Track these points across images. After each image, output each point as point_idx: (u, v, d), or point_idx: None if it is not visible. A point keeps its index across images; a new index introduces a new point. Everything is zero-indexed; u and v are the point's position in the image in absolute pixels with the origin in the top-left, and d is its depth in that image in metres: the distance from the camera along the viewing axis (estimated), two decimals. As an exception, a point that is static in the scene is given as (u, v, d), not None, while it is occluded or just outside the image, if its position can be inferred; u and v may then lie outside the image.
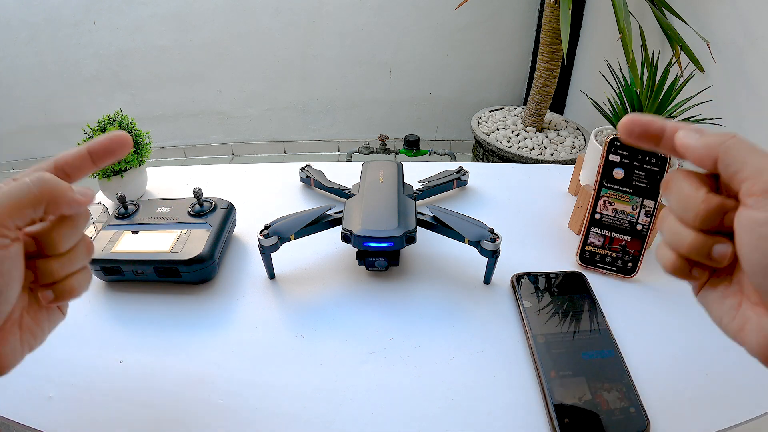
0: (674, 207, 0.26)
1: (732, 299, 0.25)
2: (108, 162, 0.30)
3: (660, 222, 0.28)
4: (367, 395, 0.38)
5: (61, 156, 0.29)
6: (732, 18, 1.08)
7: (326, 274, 0.50)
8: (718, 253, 0.24)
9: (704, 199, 0.24)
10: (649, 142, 0.27)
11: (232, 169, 0.70)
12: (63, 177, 0.28)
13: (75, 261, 0.29)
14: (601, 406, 0.36)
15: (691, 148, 0.25)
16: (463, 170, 0.64)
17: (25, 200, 0.25)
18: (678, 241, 0.25)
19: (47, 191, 0.26)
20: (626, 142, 0.27)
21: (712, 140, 0.24)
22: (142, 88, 2.22)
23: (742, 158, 0.23)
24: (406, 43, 2.10)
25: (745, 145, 0.23)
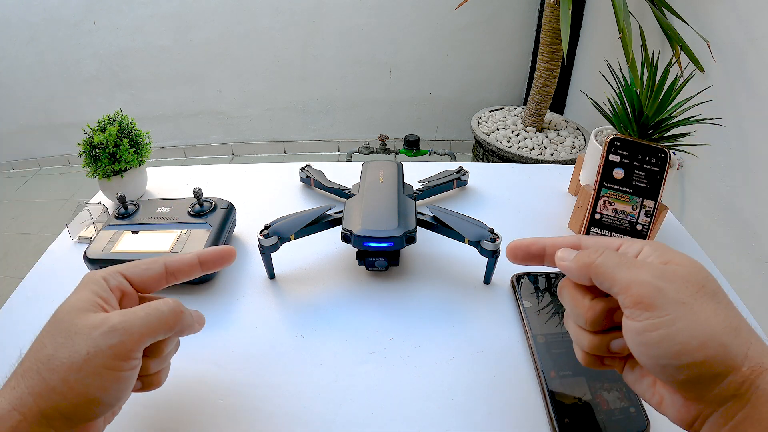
0: (569, 313, 0.29)
1: (647, 378, 0.27)
2: (213, 270, 0.35)
3: (565, 323, 0.31)
4: (367, 395, 0.38)
5: (172, 260, 0.33)
6: (732, 18, 1.08)
7: (326, 274, 0.50)
8: (616, 347, 0.27)
9: (590, 306, 0.27)
10: (534, 262, 0.31)
11: (232, 169, 0.70)
12: (171, 278, 0.33)
13: (167, 360, 0.33)
14: (601, 406, 0.36)
15: (567, 269, 0.28)
16: (463, 170, 0.64)
17: (160, 329, 0.28)
18: (580, 342, 0.28)
19: (179, 323, 0.30)
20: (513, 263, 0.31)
21: (584, 260, 0.27)
22: (142, 88, 2.22)
23: (611, 275, 0.25)
24: (406, 43, 2.10)
25: (612, 261, 0.26)
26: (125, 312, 0.28)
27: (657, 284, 0.24)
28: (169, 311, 0.29)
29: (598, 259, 0.26)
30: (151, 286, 0.32)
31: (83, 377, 0.25)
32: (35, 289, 0.49)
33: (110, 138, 0.58)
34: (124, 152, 0.58)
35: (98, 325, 0.26)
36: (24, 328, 0.43)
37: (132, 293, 0.31)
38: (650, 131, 0.50)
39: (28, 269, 0.51)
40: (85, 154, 0.58)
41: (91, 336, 0.26)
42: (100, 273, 0.30)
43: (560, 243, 0.30)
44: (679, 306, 0.23)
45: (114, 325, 0.26)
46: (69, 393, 0.25)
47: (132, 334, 0.26)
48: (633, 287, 0.24)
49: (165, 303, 0.29)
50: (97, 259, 0.47)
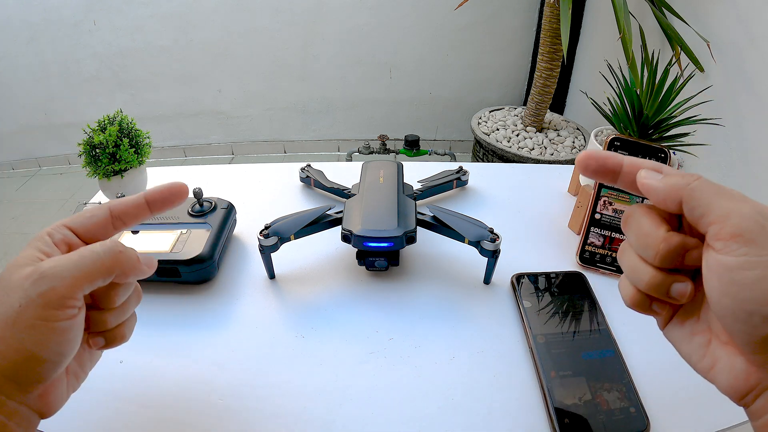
0: (633, 243, 0.26)
1: (701, 337, 0.24)
2: (164, 210, 0.32)
3: (620, 256, 0.27)
4: (367, 395, 0.38)
5: (117, 203, 0.30)
6: (732, 18, 1.08)
7: (326, 274, 0.50)
8: (677, 292, 0.24)
9: (664, 238, 0.24)
10: (605, 177, 0.27)
11: (232, 169, 0.70)
12: (118, 223, 0.30)
13: (126, 311, 0.31)
14: (601, 406, 0.36)
15: (653, 189, 0.25)
16: (463, 170, 0.64)
17: (96, 272, 0.26)
18: (637, 277, 0.25)
19: (119, 263, 0.27)
20: (582, 174, 0.27)
21: (676, 182, 0.24)
22: (142, 88, 2.22)
23: (708, 201, 0.22)
24: (406, 43, 2.10)
25: (710, 188, 0.23)
26: (58, 258, 0.25)
27: (760, 220, 0.21)
28: (104, 251, 0.26)
29: (695, 182, 0.23)
30: (98, 234, 0.29)
31: (17, 332, 0.23)
32: (35, 289, 0.49)
33: (110, 138, 0.58)
34: (124, 152, 0.58)
35: (29, 274, 0.24)
36: (24, 328, 0.43)
37: (79, 245, 0.28)
38: (650, 131, 0.50)
39: (28, 269, 0.51)
40: (85, 154, 0.58)
41: (22, 287, 0.24)
42: (45, 230, 0.28)
43: (641, 164, 0.26)
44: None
45: (44, 272, 0.24)
46: (6, 351, 0.23)
47: (63, 279, 0.24)
48: (734, 217, 0.21)
49: (101, 244, 0.27)
50: (97, 259, 0.47)
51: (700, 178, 0.23)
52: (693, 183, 0.23)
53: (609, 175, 0.27)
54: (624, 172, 0.26)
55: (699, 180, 0.23)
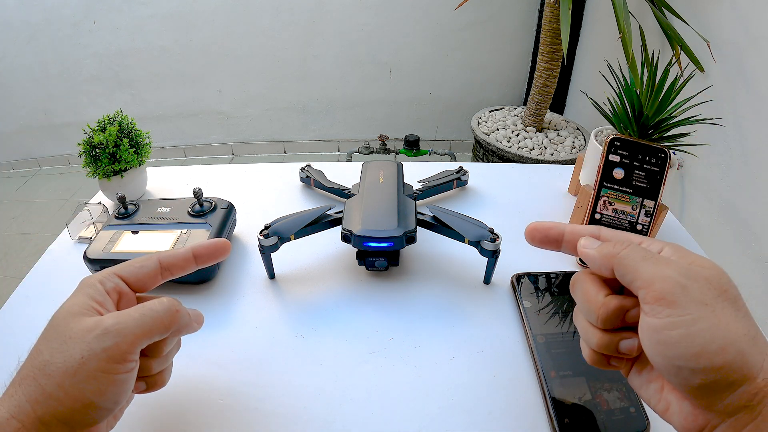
0: (581, 308, 0.28)
1: (655, 383, 0.26)
2: (208, 264, 0.34)
3: (574, 319, 0.30)
4: (367, 395, 0.38)
5: (166, 255, 0.33)
6: (732, 18, 1.08)
7: (326, 274, 0.50)
8: (625, 348, 0.26)
9: (603, 303, 0.26)
10: (550, 246, 0.31)
11: (232, 169, 0.70)
12: (166, 274, 0.33)
13: (169, 359, 0.33)
14: (601, 406, 0.36)
15: (589, 258, 0.28)
16: (463, 170, 0.64)
17: (156, 330, 0.28)
18: (588, 339, 0.27)
19: (175, 323, 0.29)
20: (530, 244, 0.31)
21: (608, 251, 0.26)
22: (142, 88, 2.22)
23: (634, 268, 0.25)
24: (406, 43, 2.10)
25: (637, 255, 0.25)
26: (119, 314, 0.27)
27: (681, 281, 0.23)
28: (164, 311, 0.28)
29: (623, 251, 0.25)
30: (147, 284, 0.32)
31: (78, 382, 0.25)
32: (35, 289, 0.49)
33: (110, 138, 0.58)
34: (124, 152, 0.58)
35: (92, 328, 0.26)
36: (24, 328, 0.43)
37: (129, 293, 0.31)
38: (650, 131, 0.50)
39: (28, 269, 0.51)
40: (85, 154, 0.58)
41: (85, 340, 0.25)
42: (96, 276, 0.30)
43: (580, 231, 0.29)
44: (702, 307, 0.22)
45: (107, 328, 0.26)
46: (65, 398, 0.24)
47: (126, 336, 0.26)
48: (656, 282, 0.23)
49: (160, 302, 0.29)
50: (97, 259, 0.47)
51: (629, 247, 0.26)
52: (622, 252, 0.26)
53: (553, 243, 0.30)
54: (566, 240, 0.30)
55: (627, 248, 0.26)
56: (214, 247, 0.34)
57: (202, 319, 0.33)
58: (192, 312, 0.32)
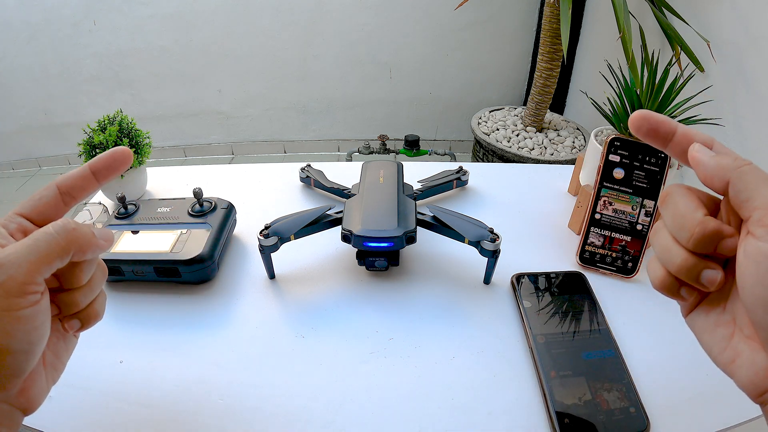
0: (669, 223, 0.25)
1: (724, 329, 0.24)
2: (111, 178, 0.31)
3: (653, 235, 0.27)
4: (367, 395, 0.38)
5: (62, 178, 0.29)
6: (732, 18, 1.08)
7: (326, 274, 0.50)
8: (707, 279, 0.23)
9: (701, 221, 0.23)
10: (656, 141, 0.27)
11: (232, 169, 0.70)
12: (68, 199, 0.29)
13: (95, 287, 0.30)
14: (601, 406, 0.36)
15: (703, 164, 0.24)
16: (463, 170, 0.64)
17: (52, 253, 0.25)
18: (668, 258, 0.25)
19: (73, 241, 0.26)
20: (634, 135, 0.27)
21: (727, 162, 0.23)
22: (142, 88, 2.22)
23: (755, 187, 0.22)
24: (406, 43, 2.10)
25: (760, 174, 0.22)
26: (11, 246, 0.25)
27: None
28: (57, 231, 0.25)
29: (745, 166, 0.23)
30: (50, 214, 0.29)
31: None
32: (35, 289, 0.49)
33: (110, 138, 0.58)
34: (124, 152, 0.58)
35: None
36: (24, 328, 0.43)
37: (35, 230, 0.28)
38: (650, 131, 0.50)
39: (28, 269, 0.51)
40: (85, 154, 0.58)
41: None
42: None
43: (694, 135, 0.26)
44: None
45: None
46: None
47: (20, 266, 0.24)
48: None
49: (53, 224, 0.26)
50: (97, 259, 0.47)
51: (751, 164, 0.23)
52: (743, 167, 0.23)
53: (660, 139, 0.26)
54: (675, 140, 0.26)
55: (750, 165, 0.23)
56: (111, 156, 0.31)
57: (110, 236, 0.29)
58: (98, 231, 0.28)
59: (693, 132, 0.26)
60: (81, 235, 0.26)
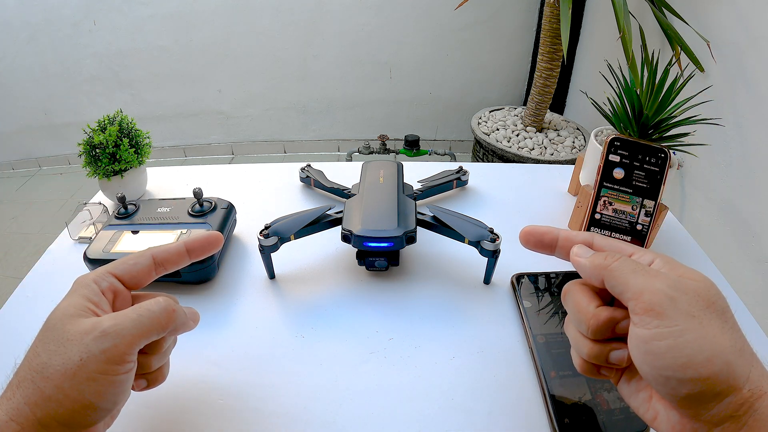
0: (572, 318, 0.29)
1: (644, 393, 0.26)
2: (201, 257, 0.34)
3: (565, 329, 0.31)
4: (367, 395, 0.38)
5: (159, 251, 0.32)
6: (732, 18, 1.08)
7: (326, 274, 0.50)
8: (615, 359, 0.27)
9: (593, 314, 0.27)
10: (544, 249, 0.32)
11: (232, 169, 0.70)
12: (160, 269, 0.32)
13: (167, 356, 0.33)
14: (601, 406, 0.36)
15: (581, 266, 0.28)
16: (463, 170, 0.64)
17: (153, 330, 0.28)
18: (579, 348, 0.28)
19: (172, 322, 0.29)
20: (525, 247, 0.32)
21: (599, 261, 0.27)
22: (142, 88, 2.22)
23: (624, 280, 0.25)
24: (406, 43, 2.10)
25: (627, 267, 0.26)
26: (116, 315, 0.27)
27: (670, 293, 0.23)
28: (160, 311, 0.28)
29: (614, 263, 0.26)
30: (141, 281, 0.32)
31: (77, 384, 0.25)
32: (35, 289, 0.49)
33: (110, 138, 0.58)
34: (124, 152, 0.58)
35: (89, 330, 0.26)
36: (24, 328, 0.43)
37: (124, 291, 0.31)
38: (650, 131, 0.50)
39: (28, 269, 0.51)
40: (85, 154, 0.58)
41: (83, 342, 0.25)
42: (90, 276, 0.30)
43: (574, 238, 0.30)
44: (690, 318, 0.23)
45: (105, 330, 0.26)
46: (64, 400, 0.24)
47: (124, 337, 0.26)
48: (645, 294, 0.24)
49: (156, 302, 0.29)
50: (97, 259, 0.47)
51: (620, 259, 0.26)
52: (613, 264, 0.26)
53: (546, 247, 0.31)
54: (559, 246, 0.31)
55: (618, 260, 0.26)
56: (207, 240, 0.34)
57: (197, 318, 0.33)
58: (188, 310, 0.32)
59: (573, 234, 0.30)
60: (178, 317, 0.30)
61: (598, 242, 0.30)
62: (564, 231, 0.31)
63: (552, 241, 0.31)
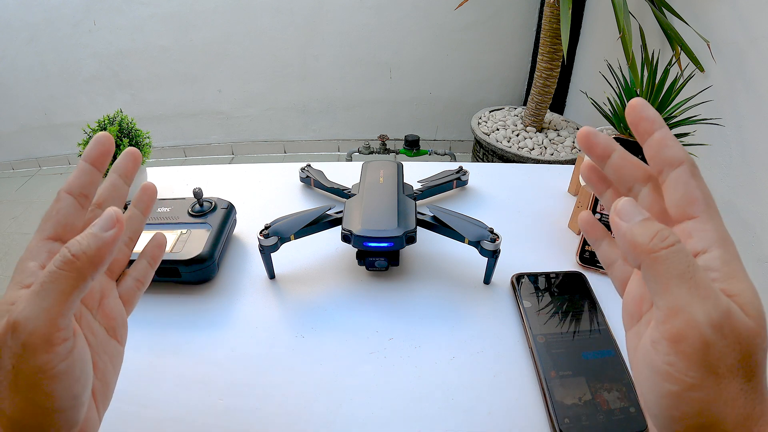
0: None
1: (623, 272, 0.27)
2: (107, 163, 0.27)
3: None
4: (367, 395, 0.38)
5: (67, 183, 0.26)
6: (732, 18, 1.08)
7: (326, 274, 0.50)
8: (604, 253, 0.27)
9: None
10: (595, 159, 0.27)
11: (232, 169, 0.70)
12: (82, 200, 0.26)
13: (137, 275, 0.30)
14: (601, 406, 0.36)
15: (619, 233, 0.22)
16: (463, 170, 0.64)
17: (66, 291, 0.21)
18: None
19: (82, 268, 0.21)
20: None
21: (644, 240, 0.20)
22: (142, 88, 2.22)
23: (666, 284, 0.19)
24: (406, 43, 2.10)
25: (677, 267, 0.19)
26: (19, 300, 0.21)
27: (706, 336, 0.18)
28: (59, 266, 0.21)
29: (663, 251, 0.20)
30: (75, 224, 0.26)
31: (25, 393, 0.21)
32: (35, 289, 0.49)
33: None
34: (124, 152, 0.58)
35: (5, 329, 0.21)
36: (24, 328, 0.43)
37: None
38: (650, 131, 0.50)
39: (28, 269, 0.51)
40: (85, 154, 0.58)
41: (6, 344, 0.20)
42: (24, 255, 0.24)
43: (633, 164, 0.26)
44: (710, 376, 0.19)
45: (15, 321, 0.20)
46: (23, 416, 0.21)
47: (36, 318, 0.20)
48: (680, 320, 0.19)
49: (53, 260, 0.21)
50: (97, 259, 0.47)
51: (673, 247, 0.20)
52: (662, 252, 0.20)
53: (598, 157, 0.26)
54: (613, 165, 0.26)
55: (670, 249, 0.20)
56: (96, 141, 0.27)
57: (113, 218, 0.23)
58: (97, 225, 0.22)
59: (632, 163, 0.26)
60: (85, 254, 0.22)
61: (667, 188, 0.23)
62: (622, 150, 0.26)
63: (604, 153, 0.26)
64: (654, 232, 0.20)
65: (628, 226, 0.21)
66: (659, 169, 0.24)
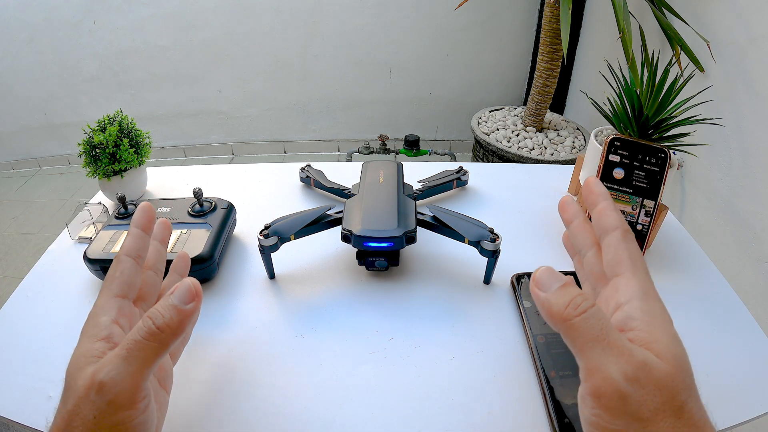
0: None
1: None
2: (153, 226, 0.33)
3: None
4: (367, 395, 0.38)
5: (126, 247, 0.31)
6: (732, 18, 1.08)
7: (326, 274, 0.50)
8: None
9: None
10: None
11: (232, 169, 0.70)
12: (139, 261, 0.31)
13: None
14: (601, 406, 0.36)
15: (539, 303, 0.25)
16: (463, 170, 0.64)
17: (149, 358, 0.25)
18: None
19: (165, 339, 0.25)
20: None
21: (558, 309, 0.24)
22: (142, 88, 2.22)
23: (581, 347, 0.23)
24: (405, 43, 2.10)
25: (590, 331, 0.22)
26: (107, 360, 0.25)
27: (623, 389, 0.21)
28: (144, 336, 0.25)
29: (576, 319, 0.23)
30: (135, 282, 0.31)
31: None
32: (35, 289, 0.49)
33: (110, 138, 0.58)
34: (124, 152, 0.58)
35: (90, 386, 0.24)
36: (24, 328, 0.43)
37: (132, 308, 0.30)
38: (650, 131, 0.50)
39: (28, 269, 0.51)
40: (85, 154, 0.58)
41: (89, 398, 0.24)
42: (94, 310, 0.28)
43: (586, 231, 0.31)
44: (634, 422, 0.21)
45: (102, 382, 0.24)
46: None
47: (123, 381, 0.24)
48: (597, 378, 0.22)
49: (138, 329, 0.26)
50: (96, 259, 0.47)
51: (586, 313, 0.23)
52: (575, 320, 0.23)
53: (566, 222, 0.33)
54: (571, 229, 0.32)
55: (582, 316, 0.23)
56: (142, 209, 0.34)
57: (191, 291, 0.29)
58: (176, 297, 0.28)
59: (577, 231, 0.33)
60: (169, 327, 0.26)
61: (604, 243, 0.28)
62: (581, 220, 0.31)
63: (569, 220, 0.32)
64: (568, 299, 0.24)
65: (545, 296, 0.25)
66: (599, 234, 0.28)
